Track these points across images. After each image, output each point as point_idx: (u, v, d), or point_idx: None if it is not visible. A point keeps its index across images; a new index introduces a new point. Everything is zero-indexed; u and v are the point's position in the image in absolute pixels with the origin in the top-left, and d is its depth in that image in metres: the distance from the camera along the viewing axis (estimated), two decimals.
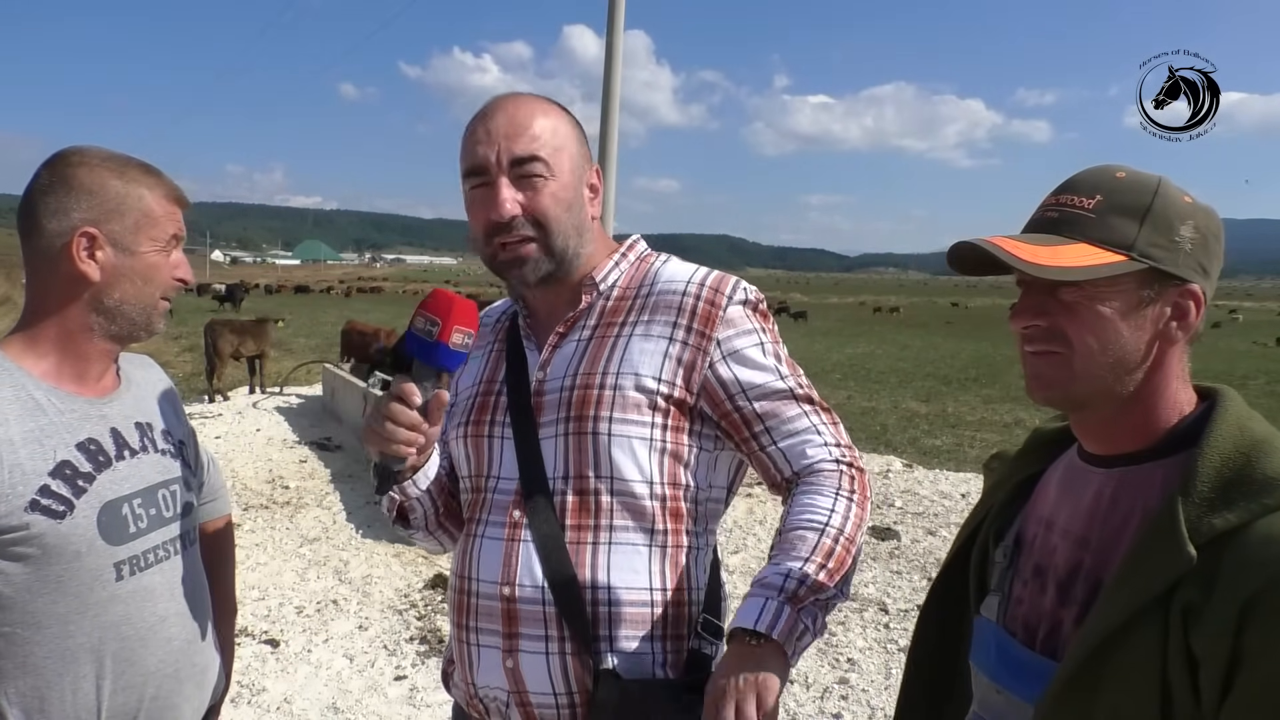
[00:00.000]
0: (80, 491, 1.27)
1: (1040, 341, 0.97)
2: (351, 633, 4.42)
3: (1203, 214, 0.95)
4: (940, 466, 8.68)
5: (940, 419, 12.14)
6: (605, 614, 1.28)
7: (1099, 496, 0.99)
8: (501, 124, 1.30)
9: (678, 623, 1.31)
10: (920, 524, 6.34)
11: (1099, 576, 0.96)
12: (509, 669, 1.30)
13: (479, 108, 1.36)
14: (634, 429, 1.29)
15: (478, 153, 1.30)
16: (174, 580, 1.39)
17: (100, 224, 1.29)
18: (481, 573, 1.33)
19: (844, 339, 29.81)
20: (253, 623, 4.47)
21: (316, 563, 5.41)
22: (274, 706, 3.68)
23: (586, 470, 1.29)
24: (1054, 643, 0.98)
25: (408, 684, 3.90)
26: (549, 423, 1.32)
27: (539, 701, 1.29)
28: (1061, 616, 0.98)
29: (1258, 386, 16.76)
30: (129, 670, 1.32)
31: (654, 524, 1.30)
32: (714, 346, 1.31)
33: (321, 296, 58.95)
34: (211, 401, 11.60)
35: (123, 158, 1.35)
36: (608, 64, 8.93)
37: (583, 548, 1.28)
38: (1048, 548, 1.03)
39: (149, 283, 1.34)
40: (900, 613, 4.73)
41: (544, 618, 1.27)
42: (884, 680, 3.98)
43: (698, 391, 1.32)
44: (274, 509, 6.49)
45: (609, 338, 1.34)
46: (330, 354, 13.45)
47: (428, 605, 4.76)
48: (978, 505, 1.20)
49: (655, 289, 1.38)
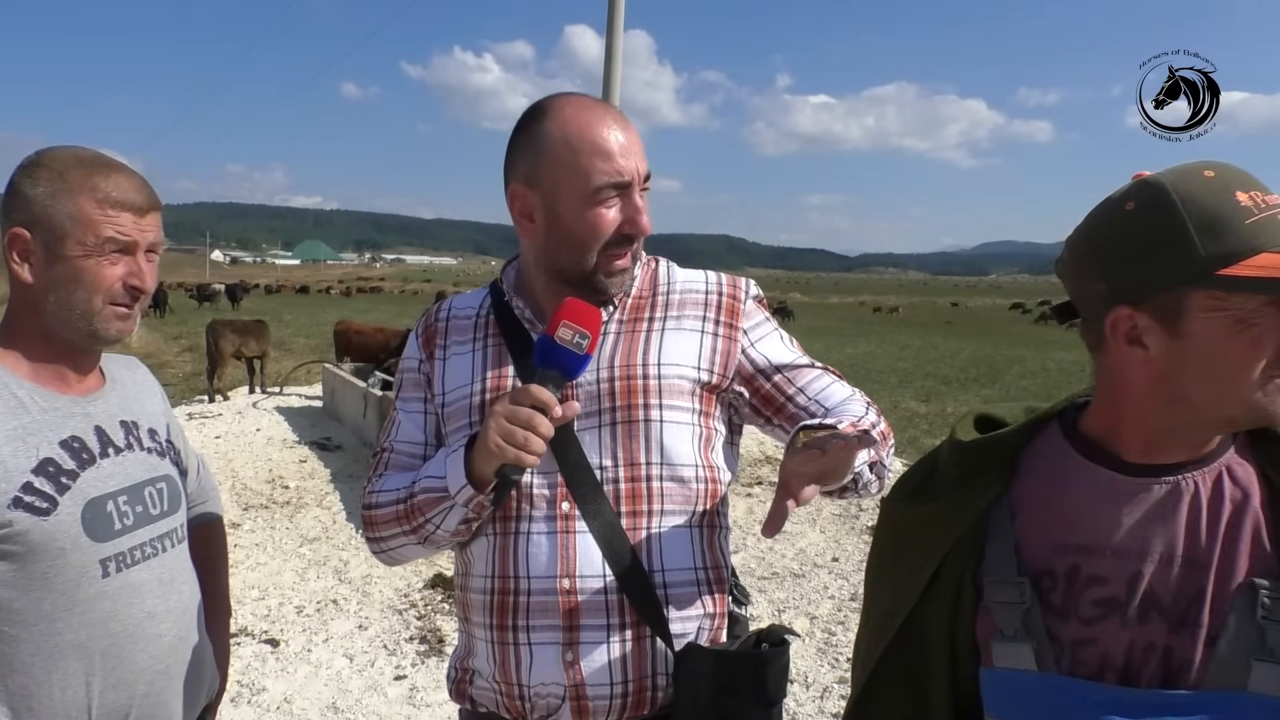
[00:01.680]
0: (64, 489, 1.26)
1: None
2: (351, 632, 4.42)
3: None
4: None
5: (940, 419, 12.13)
6: (663, 596, 1.32)
7: (1195, 508, 0.94)
8: (633, 138, 1.32)
9: (718, 596, 1.38)
10: None
11: (1220, 590, 0.91)
12: (568, 662, 1.30)
13: (575, 106, 1.31)
14: (681, 415, 1.35)
15: (624, 164, 1.29)
16: (162, 577, 1.39)
17: (30, 226, 1.28)
18: (532, 569, 1.32)
19: (844, 339, 29.81)
20: (253, 622, 4.47)
21: (316, 562, 5.41)
22: (274, 706, 3.68)
23: (639, 457, 1.33)
24: (1169, 671, 0.92)
25: (408, 684, 3.90)
26: (589, 414, 1.33)
27: (595, 694, 1.30)
28: (1172, 643, 0.92)
29: None
30: (119, 667, 1.31)
31: (698, 506, 1.36)
32: (741, 335, 1.41)
33: (321, 296, 58.95)
34: (211, 401, 11.60)
35: (78, 158, 1.32)
36: (607, 64, 8.93)
37: (639, 533, 1.32)
38: (1124, 574, 0.94)
39: (80, 288, 1.30)
40: None
41: (606, 606, 1.30)
42: None
43: (732, 376, 1.39)
44: (274, 509, 6.49)
45: (639, 333, 1.39)
46: (330, 354, 13.45)
47: (428, 605, 4.76)
48: (918, 549, 1.06)
49: (674, 288, 1.44)
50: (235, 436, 8.94)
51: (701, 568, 1.36)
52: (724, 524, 1.43)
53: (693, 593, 1.35)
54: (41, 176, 1.29)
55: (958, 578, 1.02)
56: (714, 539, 1.39)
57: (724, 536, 1.43)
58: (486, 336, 1.44)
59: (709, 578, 1.37)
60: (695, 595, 1.35)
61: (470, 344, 1.44)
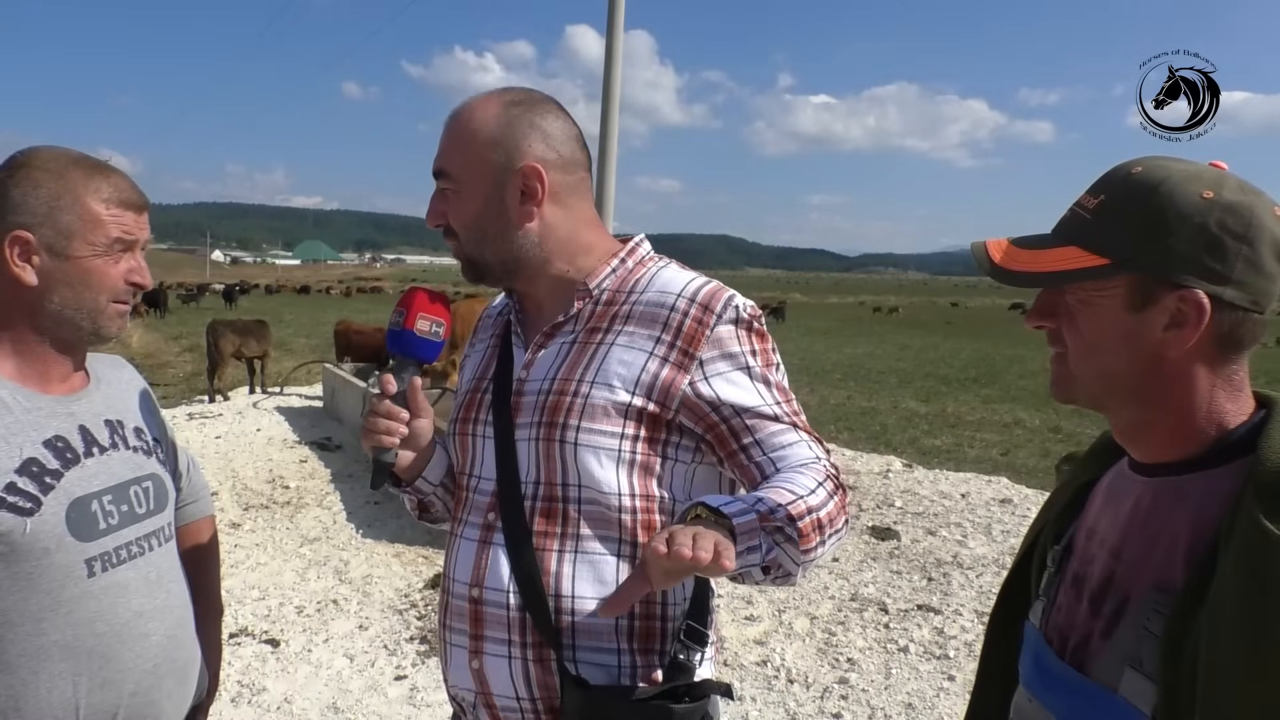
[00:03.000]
0: (48, 488, 1.26)
1: (1051, 342, 0.98)
2: (352, 632, 4.42)
3: (1222, 211, 0.87)
4: (940, 466, 8.67)
5: (940, 419, 12.14)
6: (569, 623, 1.26)
7: (1136, 507, 0.96)
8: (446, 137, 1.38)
9: (647, 636, 1.28)
10: (920, 524, 6.34)
11: (1128, 590, 0.93)
12: (474, 670, 1.30)
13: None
14: (602, 439, 1.26)
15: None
16: (149, 576, 1.38)
17: (34, 228, 1.28)
18: (457, 573, 1.34)
19: (844, 339, 29.81)
20: (253, 622, 4.47)
21: (317, 562, 5.41)
22: (274, 706, 3.68)
23: (555, 477, 1.28)
24: (1082, 655, 0.96)
25: (408, 684, 3.90)
26: (524, 425, 1.31)
27: (503, 704, 1.29)
28: (1091, 628, 0.96)
29: (1257, 387, 16.73)
30: (106, 667, 1.31)
31: (624, 536, 1.28)
32: (696, 366, 1.27)
33: (322, 296, 58.94)
34: (212, 401, 11.60)
35: (69, 158, 1.33)
36: (607, 64, 8.94)
37: (548, 554, 1.28)
38: (1087, 557, 1.01)
39: (89, 287, 1.32)
40: (900, 613, 4.73)
41: (508, 622, 1.28)
42: (884, 680, 3.98)
43: (675, 407, 1.27)
44: (274, 509, 6.49)
45: (591, 344, 1.32)
46: (330, 354, 13.44)
47: (428, 605, 4.76)
48: (1042, 508, 1.18)
49: (644, 297, 1.33)
50: (235, 436, 8.94)
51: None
52: None
53: (608, 625, 1.26)
54: (40, 179, 1.29)
55: (1046, 539, 1.12)
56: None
57: None
58: (493, 337, 1.47)
59: (634, 612, 1.26)
60: (612, 629, 1.26)
61: (484, 341, 1.48)
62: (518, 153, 1.30)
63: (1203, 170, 0.91)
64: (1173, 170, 0.90)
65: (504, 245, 1.33)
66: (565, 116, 1.36)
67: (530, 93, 1.37)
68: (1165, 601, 0.88)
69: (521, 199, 1.31)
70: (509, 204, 1.31)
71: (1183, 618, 0.84)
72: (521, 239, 1.33)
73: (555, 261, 1.36)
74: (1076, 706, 0.95)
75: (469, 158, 1.31)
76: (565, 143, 1.35)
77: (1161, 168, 0.91)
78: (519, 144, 1.31)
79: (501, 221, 1.32)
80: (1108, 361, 0.93)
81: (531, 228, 1.33)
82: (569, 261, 1.36)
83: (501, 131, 1.31)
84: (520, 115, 1.32)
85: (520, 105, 1.33)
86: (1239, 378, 0.93)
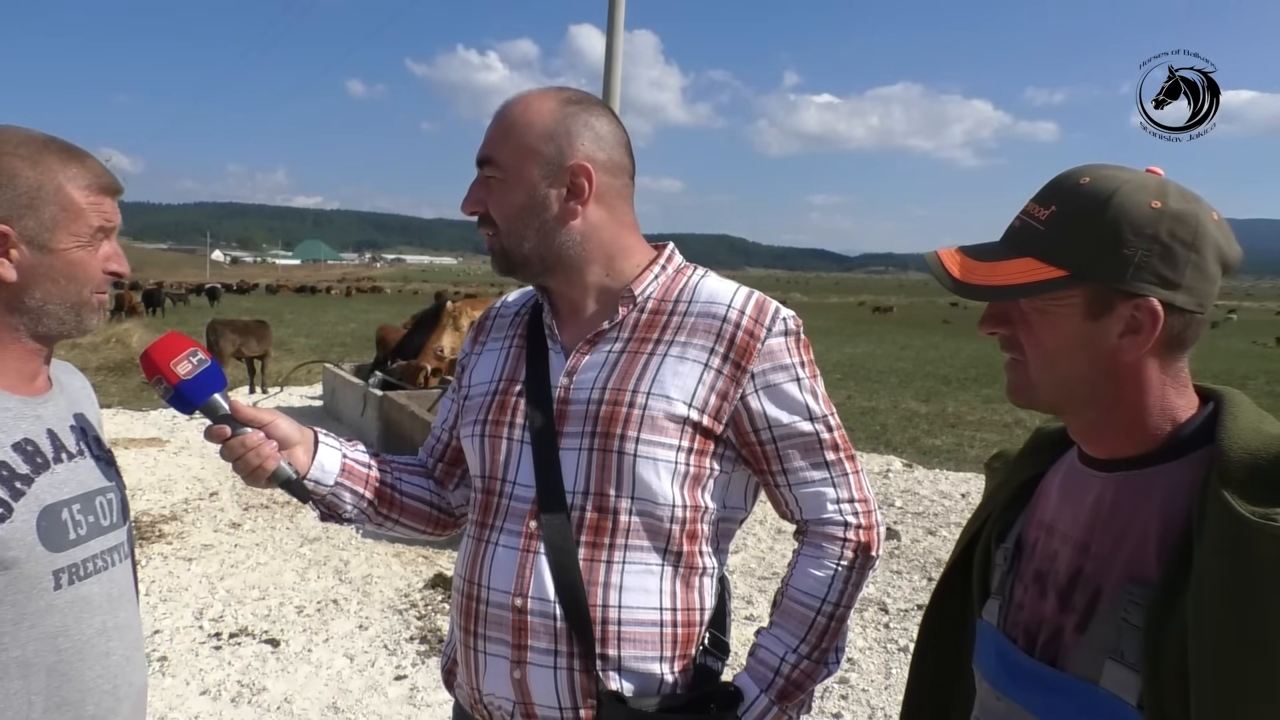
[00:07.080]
0: (18, 494, 1.18)
1: (1006, 348, 1.01)
2: (352, 632, 4.42)
3: (1171, 220, 0.90)
4: (940, 466, 8.68)
5: (940, 419, 12.14)
6: (615, 633, 1.27)
7: (1099, 502, 0.98)
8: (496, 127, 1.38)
9: (686, 643, 1.31)
10: (920, 524, 6.34)
11: (1099, 584, 0.95)
12: (516, 680, 1.29)
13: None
14: (661, 451, 1.27)
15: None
16: (111, 592, 1.29)
17: (12, 220, 1.19)
18: (494, 580, 1.31)
19: (844, 339, 29.81)
20: (253, 622, 4.47)
21: (317, 562, 5.41)
22: (274, 706, 3.68)
23: (609, 488, 1.27)
24: (1054, 650, 0.98)
25: (408, 684, 3.90)
26: (572, 434, 1.30)
27: (544, 714, 1.28)
28: (1062, 623, 0.97)
29: (1257, 386, 16.75)
30: (65, 686, 1.21)
31: (670, 546, 1.30)
32: (748, 379, 1.30)
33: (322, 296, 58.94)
34: None
35: (40, 141, 1.23)
36: (608, 64, 8.95)
37: (597, 565, 1.27)
38: (1049, 553, 1.02)
39: (73, 280, 1.24)
40: (900, 613, 4.73)
41: (554, 632, 1.27)
42: (884, 680, 3.98)
43: (726, 421, 1.31)
44: (274, 509, 6.49)
45: (642, 354, 1.31)
46: (330, 354, 13.43)
47: (428, 605, 4.76)
48: (980, 505, 1.20)
49: (694, 308, 1.34)
50: None
51: (669, 609, 1.30)
52: (710, 564, 1.35)
53: (652, 634, 1.28)
54: (17, 168, 1.19)
55: (989, 537, 1.13)
56: (691, 581, 1.32)
57: (705, 579, 1.34)
58: (515, 336, 1.44)
59: (675, 620, 1.30)
60: (655, 638, 1.29)
61: (502, 341, 1.46)
62: (570, 149, 1.31)
63: (1146, 179, 0.94)
64: (1121, 181, 0.93)
65: (545, 240, 1.33)
66: (617, 121, 1.38)
67: (585, 94, 1.38)
68: (1142, 593, 0.90)
69: (568, 195, 1.32)
70: (555, 199, 1.32)
71: (1164, 607, 0.86)
72: (564, 236, 1.33)
73: (594, 263, 1.35)
74: (1056, 702, 0.96)
75: (520, 148, 1.31)
76: (615, 147, 1.36)
77: (1110, 178, 0.93)
78: (572, 140, 1.31)
79: (545, 215, 1.32)
80: (1066, 369, 0.95)
81: (575, 225, 1.33)
82: (607, 264, 1.36)
83: (556, 126, 1.31)
84: (575, 113, 1.33)
85: (576, 104, 1.34)
86: (1185, 374, 0.97)
